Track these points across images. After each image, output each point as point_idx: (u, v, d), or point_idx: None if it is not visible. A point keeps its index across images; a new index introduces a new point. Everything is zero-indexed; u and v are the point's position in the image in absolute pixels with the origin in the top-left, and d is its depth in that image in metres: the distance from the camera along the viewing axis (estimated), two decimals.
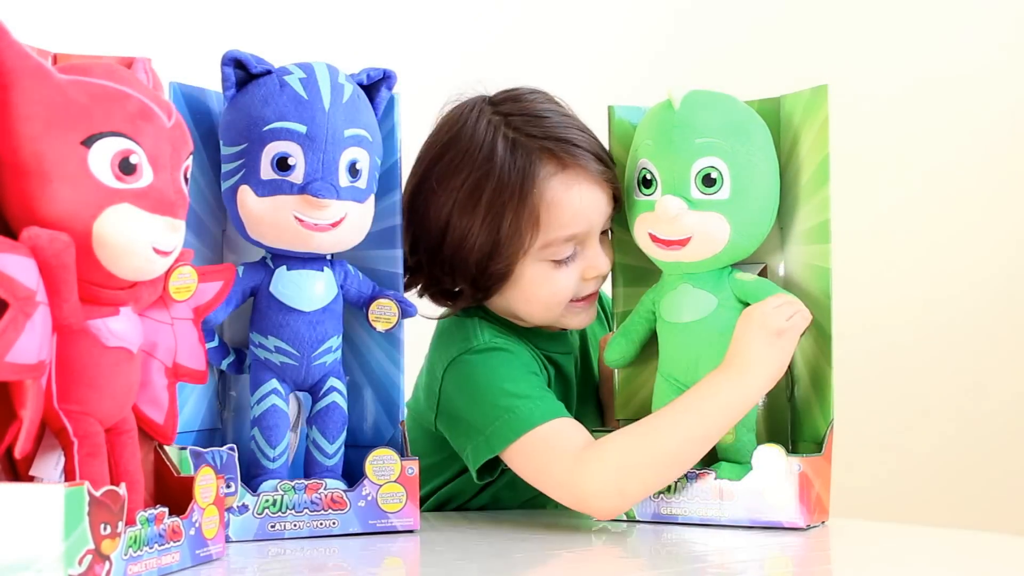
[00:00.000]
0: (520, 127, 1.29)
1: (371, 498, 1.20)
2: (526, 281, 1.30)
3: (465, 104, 1.34)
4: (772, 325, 1.21)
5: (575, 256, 1.31)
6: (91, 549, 0.86)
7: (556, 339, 1.41)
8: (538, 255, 1.29)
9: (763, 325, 1.21)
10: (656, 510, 1.25)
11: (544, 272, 1.30)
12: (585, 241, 1.31)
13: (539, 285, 1.30)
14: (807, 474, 1.20)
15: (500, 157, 1.27)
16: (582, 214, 1.28)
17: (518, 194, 1.26)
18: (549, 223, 1.27)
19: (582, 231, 1.29)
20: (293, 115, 1.15)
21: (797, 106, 1.28)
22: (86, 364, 0.92)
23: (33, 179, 0.88)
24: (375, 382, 1.28)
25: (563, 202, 1.27)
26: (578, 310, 1.35)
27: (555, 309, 1.32)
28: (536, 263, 1.29)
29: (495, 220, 1.27)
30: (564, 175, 1.28)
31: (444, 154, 1.31)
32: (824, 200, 1.24)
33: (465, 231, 1.28)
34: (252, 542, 1.16)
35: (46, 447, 0.93)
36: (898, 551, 1.15)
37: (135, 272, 0.93)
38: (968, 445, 2.36)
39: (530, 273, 1.30)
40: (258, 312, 1.21)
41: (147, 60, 1.00)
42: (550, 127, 1.29)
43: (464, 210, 1.28)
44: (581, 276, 1.32)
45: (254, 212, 1.16)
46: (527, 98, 1.33)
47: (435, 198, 1.30)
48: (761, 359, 1.21)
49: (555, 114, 1.31)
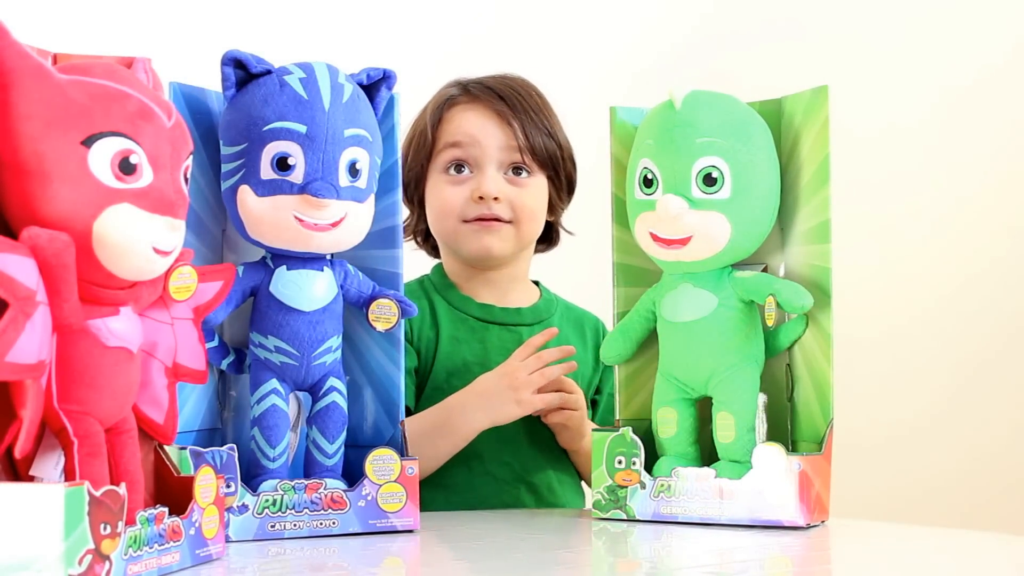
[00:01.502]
0: (464, 83, 1.55)
1: (371, 498, 1.20)
2: (430, 193, 1.54)
3: None
4: (510, 374, 1.40)
5: (469, 177, 1.51)
6: (91, 549, 0.86)
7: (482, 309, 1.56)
8: (436, 167, 1.52)
9: (503, 372, 1.41)
10: (656, 510, 1.25)
11: (439, 183, 1.52)
12: (480, 163, 1.50)
13: (435, 196, 1.53)
14: (807, 473, 1.20)
15: (435, 97, 1.56)
16: (472, 130, 1.51)
17: (428, 117, 1.53)
18: (443, 134, 1.52)
19: (467, 141, 1.50)
20: (293, 115, 1.15)
21: (798, 107, 1.28)
22: (86, 364, 0.92)
23: (33, 179, 0.88)
24: (375, 382, 1.28)
25: (456, 118, 1.52)
26: (468, 232, 1.51)
27: (448, 222, 1.52)
28: (436, 175, 1.52)
29: (411, 139, 1.54)
30: (466, 102, 1.53)
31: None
32: (824, 200, 1.24)
33: (406, 153, 1.54)
34: (252, 542, 1.16)
35: (46, 447, 0.93)
36: (898, 551, 1.15)
37: (135, 272, 0.93)
38: (968, 445, 2.36)
39: (432, 184, 1.53)
40: (258, 312, 1.21)
41: (147, 60, 1.00)
42: (485, 82, 1.54)
43: (405, 151, 1.54)
44: (470, 196, 1.50)
45: (254, 212, 1.16)
46: (498, 76, 1.56)
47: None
48: (480, 403, 1.39)
49: (503, 84, 1.55)
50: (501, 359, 1.48)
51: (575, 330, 1.61)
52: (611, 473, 1.28)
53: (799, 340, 1.29)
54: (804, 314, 1.26)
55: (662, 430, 1.30)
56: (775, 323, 1.25)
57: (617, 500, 1.27)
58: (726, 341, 1.25)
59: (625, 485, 1.27)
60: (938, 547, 1.18)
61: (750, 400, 1.25)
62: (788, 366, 1.32)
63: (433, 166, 1.52)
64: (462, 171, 1.51)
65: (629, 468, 1.27)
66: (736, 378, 1.25)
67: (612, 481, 1.28)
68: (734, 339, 1.25)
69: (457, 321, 1.55)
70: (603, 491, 1.28)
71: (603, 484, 1.28)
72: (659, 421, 1.30)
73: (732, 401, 1.25)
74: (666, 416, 1.30)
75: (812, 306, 1.23)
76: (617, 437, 1.28)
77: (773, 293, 1.23)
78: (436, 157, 1.52)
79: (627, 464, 1.27)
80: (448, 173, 1.51)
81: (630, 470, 1.27)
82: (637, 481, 1.27)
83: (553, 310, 1.60)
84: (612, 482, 1.28)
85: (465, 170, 1.51)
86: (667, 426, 1.29)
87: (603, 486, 1.28)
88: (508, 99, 1.52)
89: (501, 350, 1.52)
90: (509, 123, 1.51)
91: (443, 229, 1.54)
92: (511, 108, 1.51)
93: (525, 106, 1.52)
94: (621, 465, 1.28)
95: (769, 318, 1.24)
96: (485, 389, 1.41)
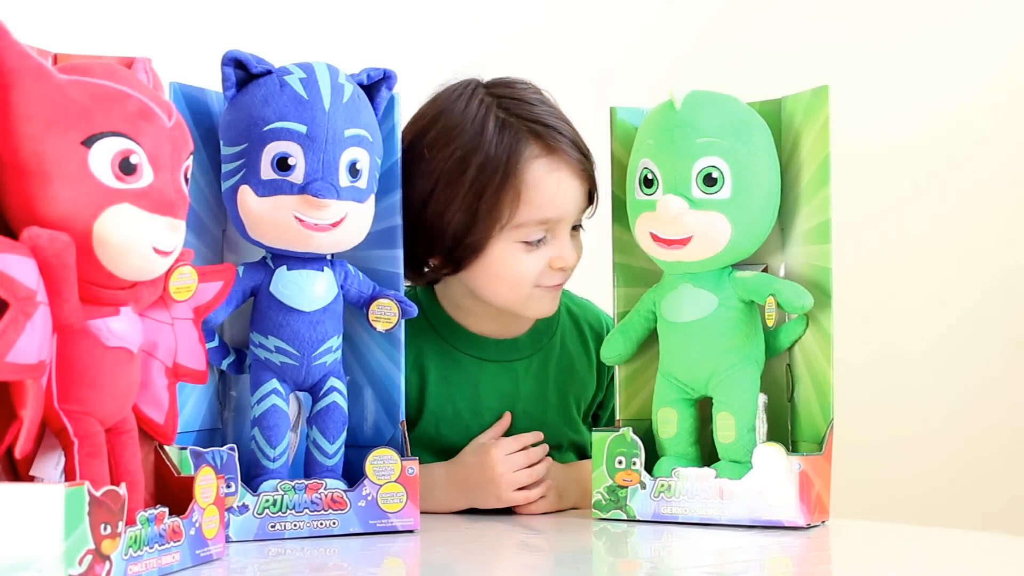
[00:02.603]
0: (510, 108, 1.35)
1: (371, 498, 1.20)
2: (495, 258, 1.34)
3: (458, 83, 1.39)
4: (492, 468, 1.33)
5: (545, 243, 1.35)
6: (91, 549, 0.86)
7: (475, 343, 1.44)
8: (511, 234, 1.33)
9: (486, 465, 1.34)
10: (656, 510, 1.25)
11: (514, 252, 1.34)
12: (556, 229, 1.35)
13: (507, 264, 1.35)
14: (807, 473, 1.20)
15: (489, 133, 1.32)
16: (559, 199, 1.34)
17: (502, 170, 1.31)
18: (527, 203, 1.32)
19: (555, 216, 1.34)
20: (293, 115, 1.15)
21: (798, 107, 1.28)
22: (86, 364, 0.92)
23: (33, 179, 0.88)
24: (375, 382, 1.28)
25: (543, 184, 1.32)
26: (540, 296, 1.38)
27: (520, 291, 1.36)
28: (508, 242, 1.34)
29: (477, 193, 1.31)
30: (547, 159, 1.33)
31: (435, 124, 1.35)
32: (824, 200, 1.24)
33: (448, 200, 1.32)
34: (252, 542, 1.16)
35: (46, 447, 0.93)
36: (898, 551, 1.15)
37: (135, 272, 0.93)
38: (968, 445, 2.36)
39: (500, 251, 1.34)
40: (258, 312, 1.21)
41: (147, 60, 1.00)
42: (538, 114, 1.35)
43: (450, 181, 1.32)
44: (548, 264, 1.36)
45: (254, 212, 1.16)
46: (518, 85, 1.39)
47: (422, 166, 1.33)
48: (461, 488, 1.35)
49: (542, 103, 1.37)
50: (494, 403, 1.42)
51: (578, 343, 1.50)
52: (611, 473, 1.28)
53: (799, 340, 1.29)
54: (804, 314, 1.26)
55: (662, 430, 1.30)
56: (775, 323, 1.25)
57: (617, 500, 1.27)
58: (726, 341, 1.25)
59: (625, 485, 1.27)
60: (938, 547, 1.18)
61: (750, 400, 1.25)
62: (788, 366, 1.32)
63: (506, 234, 1.33)
64: (541, 241, 1.35)
65: (629, 468, 1.27)
66: (736, 378, 1.25)
67: (612, 481, 1.28)
68: (734, 339, 1.25)
69: (446, 358, 1.43)
70: (603, 491, 1.28)
71: (603, 484, 1.28)
72: (659, 421, 1.30)
73: (732, 401, 1.25)
74: (666, 416, 1.30)
75: (812, 306, 1.23)
76: (617, 437, 1.28)
77: (773, 293, 1.23)
78: (515, 229, 1.33)
79: (627, 464, 1.27)
80: (526, 243, 1.34)
81: (630, 470, 1.27)
82: (637, 481, 1.27)
83: (555, 328, 1.48)
84: (612, 482, 1.28)
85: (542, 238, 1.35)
86: (667, 426, 1.29)
87: (603, 486, 1.28)
88: (580, 146, 1.36)
89: (495, 392, 1.43)
90: (585, 182, 1.37)
91: (509, 296, 1.37)
92: (586, 159, 1.36)
93: (587, 150, 1.38)
94: (621, 465, 1.28)
95: (769, 318, 1.24)
96: (467, 478, 1.35)
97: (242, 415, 1.27)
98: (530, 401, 1.44)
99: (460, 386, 1.43)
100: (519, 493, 1.34)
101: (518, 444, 1.37)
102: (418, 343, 1.41)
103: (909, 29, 2.41)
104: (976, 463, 2.35)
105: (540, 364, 1.46)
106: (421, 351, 1.42)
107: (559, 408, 1.46)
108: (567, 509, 1.41)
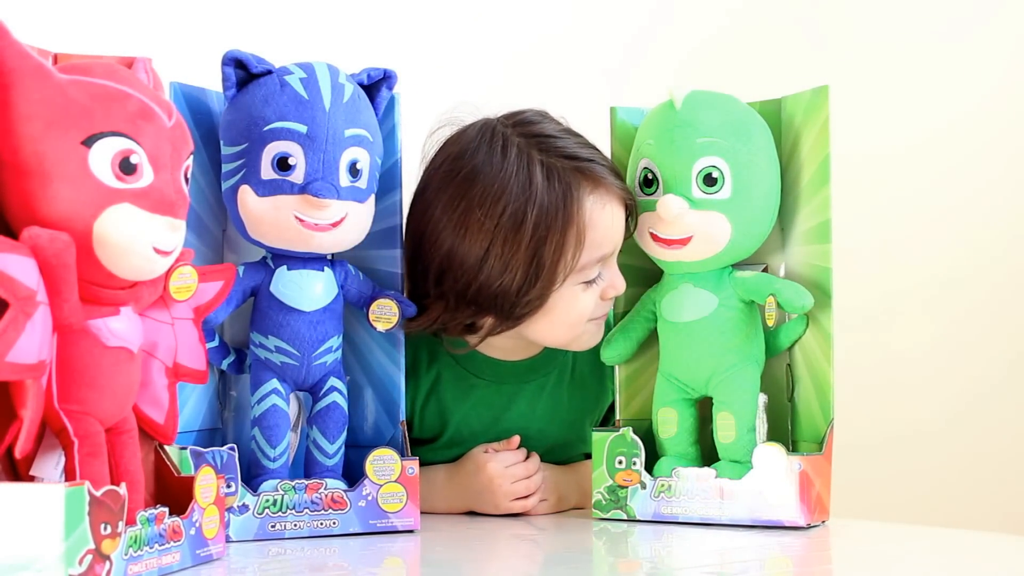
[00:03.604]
0: (547, 149, 1.26)
1: (371, 498, 1.20)
2: (557, 305, 1.28)
3: (476, 128, 1.31)
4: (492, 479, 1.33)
5: (600, 276, 1.30)
6: (91, 549, 0.86)
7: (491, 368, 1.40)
8: (573, 278, 1.27)
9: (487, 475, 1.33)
10: (656, 510, 1.25)
11: (574, 294, 1.28)
12: (608, 261, 1.30)
13: (569, 307, 1.28)
14: (807, 473, 1.20)
15: (539, 182, 1.24)
16: (613, 232, 1.28)
17: (562, 216, 1.24)
18: (589, 244, 1.26)
19: (611, 250, 1.29)
20: (294, 115, 1.15)
21: (798, 107, 1.28)
22: (87, 364, 0.92)
23: (34, 179, 0.88)
24: (375, 382, 1.28)
25: (599, 221, 1.26)
26: (591, 329, 1.33)
27: (577, 329, 1.31)
28: (570, 287, 1.27)
29: (539, 245, 1.24)
30: (597, 195, 1.26)
31: (472, 183, 1.26)
32: (825, 200, 1.24)
33: (507, 259, 1.24)
34: (252, 542, 1.16)
35: (46, 447, 0.93)
36: (898, 551, 1.15)
37: (135, 272, 0.93)
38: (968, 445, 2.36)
39: (562, 296, 1.27)
40: (258, 312, 1.21)
41: (147, 60, 1.00)
42: (572, 148, 1.28)
43: (506, 239, 1.23)
44: (601, 295, 1.30)
45: (254, 212, 1.16)
46: (540, 121, 1.31)
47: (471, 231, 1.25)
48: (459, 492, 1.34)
49: (567, 135, 1.30)
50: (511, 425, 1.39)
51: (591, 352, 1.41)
52: (611, 473, 1.28)
53: (799, 340, 1.29)
54: (804, 314, 1.26)
55: (662, 430, 1.30)
56: (775, 323, 1.25)
57: (617, 500, 1.27)
58: (726, 341, 1.25)
59: (625, 485, 1.27)
60: (938, 547, 1.18)
61: (750, 400, 1.25)
62: (788, 366, 1.32)
63: (570, 279, 1.27)
64: (598, 277, 1.30)
65: (629, 468, 1.27)
66: (736, 378, 1.25)
67: (612, 481, 1.28)
68: (734, 339, 1.25)
69: (463, 384, 1.40)
70: (603, 491, 1.28)
71: (603, 484, 1.28)
72: (659, 421, 1.30)
73: (732, 401, 1.25)
74: (666, 416, 1.30)
75: (812, 306, 1.23)
76: (617, 437, 1.28)
77: (773, 293, 1.23)
78: (578, 272, 1.27)
79: (627, 464, 1.27)
80: (585, 283, 1.28)
81: (630, 470, 1.27)
82: (637, 481, 1.27)
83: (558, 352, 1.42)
84: (612, 482, 1.28)
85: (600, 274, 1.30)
86: (667, 426, 1.29)
87: (603, 486, 1.28)
88: (617, 172, 1.29)
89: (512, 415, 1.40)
90: (628, 205, 1.30)
91: (566, 336, 1.32)
92: (624, 182, 1.29)
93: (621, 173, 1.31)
94: (621, 465, 1.28)
95: (769, 318, 1.24)
96: (468, 486, 1.35)
97: (242, 415, 1.27)
98: (545, 420, 1.41)
99: (477, 410, 1.40)
100: (516, 503, 1.34)
101: (518, 457, 1.36)
102: (435, 370, 1.39)
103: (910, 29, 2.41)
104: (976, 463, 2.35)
105: (555, 382, 1.43)
106: (438, 378, 1.40)
107: (574, 425, 1.44)
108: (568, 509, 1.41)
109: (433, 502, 1.34)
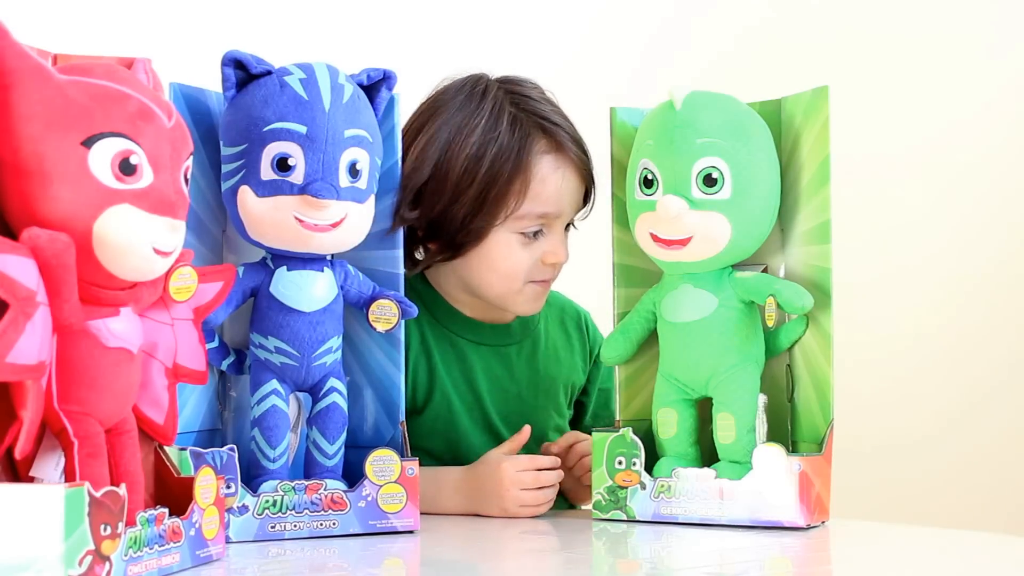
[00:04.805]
0: (521, 104, 1.40)
1: (371, 498, 1.20)
2: (492, 247, 1.39)
3: (469, 77, 1.44)
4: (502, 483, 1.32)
5: (540, 237, 1.39)
6: (91, 550, 0.86)
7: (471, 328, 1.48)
8: (511, 225, 1.37)
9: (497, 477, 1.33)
10: (656, 510, 1.25)
11: (510, 243, 1.39)
12: (553, 225, 1.40)
13: (502, 255, 1.39)
14: (807, 473, 1.20)
15: (504, 126, 1.38)
16: (560, 196, 1.39)
17: (514, 160, 1.36)
18: (532, 195, 1.37)
19: (555, 212, 1.39)
20: (293, 115, 1.15)
21: (798, 107, 1.28)
22: (86, 365, 0.92)
23: (33, 179, 0.88)
24: (375, 382, 1.28)
25: (547, 178, 1.38)
26: (528, 292, 1.41)
27: (512, 283, 1.40)
28: (506, 233, 1.38)
29: (489, 181, 1.36)
30: (554, 156, 1.38)
31: (450, 116, 1.39)
32: (824, 201, 1.24)
33: (463, 189, 1.36)
34: (252, 543, 1.16)
35: (46, 448, 0.93)
36: (898, 551, 1.15)
37: (135, 272, 0.93)
38: (968, 445, 2.36)
39: (498, 240, 1.38)
40: (258, 312, 1.21)
41: (147, 60, 1.00)
42: (545, 112, 1.41)
43: (467, 170, 1.36)
44: (541, 259, 1.40)
45: (254, 212, 1.16)
46: (527, 84, 1.44)
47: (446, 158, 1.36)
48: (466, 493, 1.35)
49: (547, 102, 1.43)
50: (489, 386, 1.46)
51: (560, 331, 1.55)
52: (611, 474, 1.28)
53: (799, 340, 1.29)
54: (804, 315, 1.26)
55: (662, 431, 1.30)
56: (775, 324, 1.25)
57: (617, 501, 1.27)
58: (726, 342, 1.25)
59: (625, 486, 1.27)
60: (938, 547, 1.18)
61: (750, 401, 1.25)
62: (788, 366, 1.32)
63: (507, 225, 1.37)
64: (537, 234, 1.39)
65: (629, 469, 1.27)
66: (736, 379, 1.25)
67: (612, 482, 1.28)
68: (734, 340, 1.25)
69: (444, 342, 1.47)
70: (603, 491, 1.28)
71: (603, 484, 1.28)
72: (659, 422, 1.30)
73: (732, 402, 1.25)
74: (666, 417, 1.30)
75: (812, 306, 1.23)
76: (617, 438, 1.28)
77: (773, 294, 1.23)
78: (516, 220, 1.37)
79: (627, 465, 1.27)
80: (523, 235, 1.38)
81: (630, 471, 1.27)
82: (637, 482, 1.27)
83: (539, 315, 1.51)
84: (612, 483, 1.28)
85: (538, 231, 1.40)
86: (667, 427, 1.29)
87: (603, 486, 1.28)
88: (582, 146, 1.41)
89: (489, 376, 1.47)
90: (585, 182, 1.42)
91: (501, 288, 1.41)
92: (587, 159, 1.41)
93: (588, 150, 1.42)
94: (621, 466, 1.28)
95: (769, 319, 1.24)
96: (478, 487, 1.35)
97: (242, 415, 1.27)
98: (523, 384, 1.49)
99: (458, 369, 1.47)
100: (524, 509, 1.34)
101: (532, 464, 1.36)
102: (420, 327, 1.45)
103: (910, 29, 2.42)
104: (976, 463, 2.36)
105: (531, 349, 1.51)
106: (424, 336, 1.46)
107: (549, 392, 1.51)
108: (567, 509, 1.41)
109: (441, 502, 1.34)
